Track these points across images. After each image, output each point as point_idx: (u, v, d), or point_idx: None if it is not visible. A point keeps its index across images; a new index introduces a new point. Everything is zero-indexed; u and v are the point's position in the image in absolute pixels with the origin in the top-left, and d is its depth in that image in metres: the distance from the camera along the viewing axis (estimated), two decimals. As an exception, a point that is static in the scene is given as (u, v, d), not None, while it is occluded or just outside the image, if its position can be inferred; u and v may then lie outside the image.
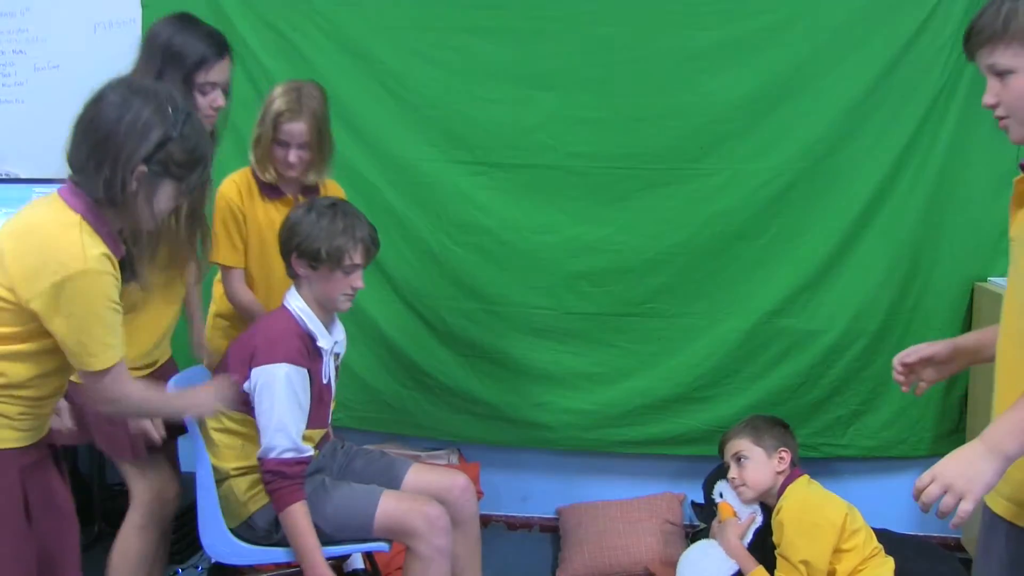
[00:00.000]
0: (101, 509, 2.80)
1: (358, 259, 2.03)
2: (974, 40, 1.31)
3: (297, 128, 2.12)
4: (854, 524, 2.15)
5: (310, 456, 1.99)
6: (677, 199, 2.72)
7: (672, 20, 2.65)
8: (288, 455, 1.94)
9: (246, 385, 1.97)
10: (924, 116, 2.63)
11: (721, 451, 2.35)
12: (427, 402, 2.89)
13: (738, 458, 2.26)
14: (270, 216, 2.22)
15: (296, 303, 2.03)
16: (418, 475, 2.18)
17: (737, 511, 2.29)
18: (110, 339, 1.51)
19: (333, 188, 2.35)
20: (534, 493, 3.03)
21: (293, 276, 2.05)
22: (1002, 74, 1.29)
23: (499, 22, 2.69)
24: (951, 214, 2.67)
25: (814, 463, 2.68)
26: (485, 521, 2.92)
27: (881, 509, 2.51)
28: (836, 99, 2.64)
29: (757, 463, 2.23)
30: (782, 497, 2.20)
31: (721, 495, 2.34)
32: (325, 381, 2.07)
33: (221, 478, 2.04)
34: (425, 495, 2.07)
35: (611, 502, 2.87)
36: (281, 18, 2.77)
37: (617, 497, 2.89)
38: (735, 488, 2.27)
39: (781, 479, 2.23)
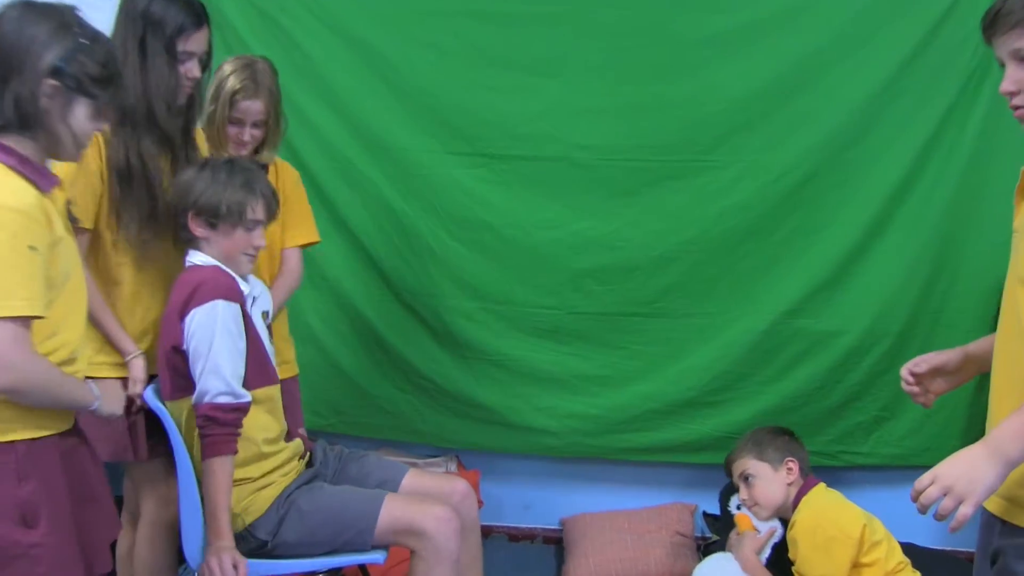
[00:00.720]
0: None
1: (260, 214, 2.00)
2: (1000, 23, 1.30)
3: (254, 107, 2.15)
4: (874, 536, 2.11)
5: (247, 403, 1.92)
6: (687, 193, 2.69)
7: (682, 3, 2.63)
8: (222, 399, 1.88)
9: (184, 345, 1.91)
10: (951, 104, 2.59)
11: (728, 473, 2.34)
12: (424, 406, 2.86)
13: (745, 477, 2.25)
14: None
15: (201, 258, 2.00)
16: (416, 480, 2.15)
17: (756, 525, 2.27)
18: (15, 286, 1.39)
19: (285, 169, 2.34)
20: (536, 502, 3.00)
21: (188, 240, 2.01)
22: (1023, 60, 1.29)
23: (500, 6, 2.67)
24: (979, 209, 2.61)
25: (833, 472, 2.64)
26: (486, 532, 2.88)
27: (905, 522, 2.36)
28: (857, 86, 2.60)
29: (765, 479, 2.21)
30: (796, 510, 2.17)
31: (739, 507, 2.32)
32: (261, 339, 2.04)
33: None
34: (432, 498, 2.06)
35: (618, 512, 2.85)
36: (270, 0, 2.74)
37: (624, 507, 2.87)
38: (749, 509, 2.26)
39: (794, 490, 2.21)
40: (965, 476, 1.23)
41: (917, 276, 2.67)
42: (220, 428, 1.88)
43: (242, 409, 1.91)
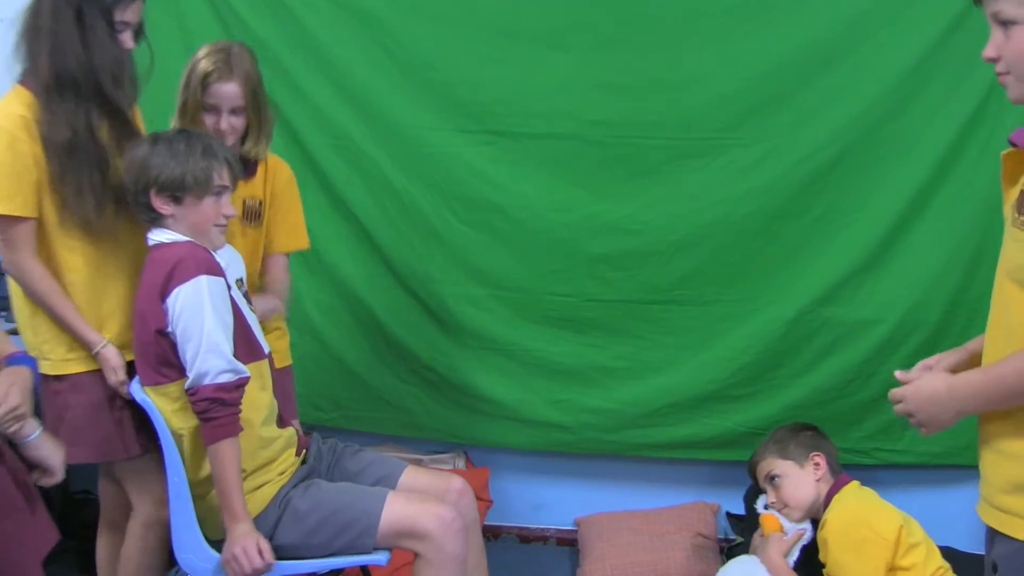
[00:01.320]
0: (63, 519, 2.72)
1: (226, 179, 1.96)
2: None
3: (228, 89, 2.08)
4: (911, 537, 2.04)
5: (247, 377, 1.89)
6: (709, 173, 2.64)
7: (705, -30, 2.56)
8: (224, 378, 1.84)
9: (169, 327, 1.87)
10: (995, 77, 2.48)
11: (753, 477, 2.32)
12: (430, 399, 2.83)
13: (771, 479, 2.23)
14: None
15: (168, 235, 1.94)
16: (412, 477, 2.13)
17: (784, 527, 2.22)
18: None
19: (277, 165, 2.27)
20: (549, 502, 2.98)
21: (152, 220, 1.96)
22: (1006, 24, 1.30)
23: (510, -26, 2.61)
24: (1025, 190, 2.53)
25: (866, 470, 2.59)
26: (495, 533, 2.89)
27: (944, 524, 2.39)
28: (893, 58, 2.51)
29: (791, 478, 2.19)
30: (828, 509, 2.13)
31: (766, 506, 2.28)
32: (241, 310, 1.99)
33: (203, 491, 1.96)
34: (433, 496, 2.03)
35: (636, 512, 2.83)
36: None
37: (642, 507, 2.84)
38: (779, 512, 2.23)
39: (824, 488, 2.18)
40: (926, 410, 1.45)
41: (957, 263, 2.59)
42: (227, 409, 1.85)
43: (244, 384, 1.89)
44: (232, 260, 2.07)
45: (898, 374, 1.57)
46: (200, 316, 1.84)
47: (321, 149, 2.70)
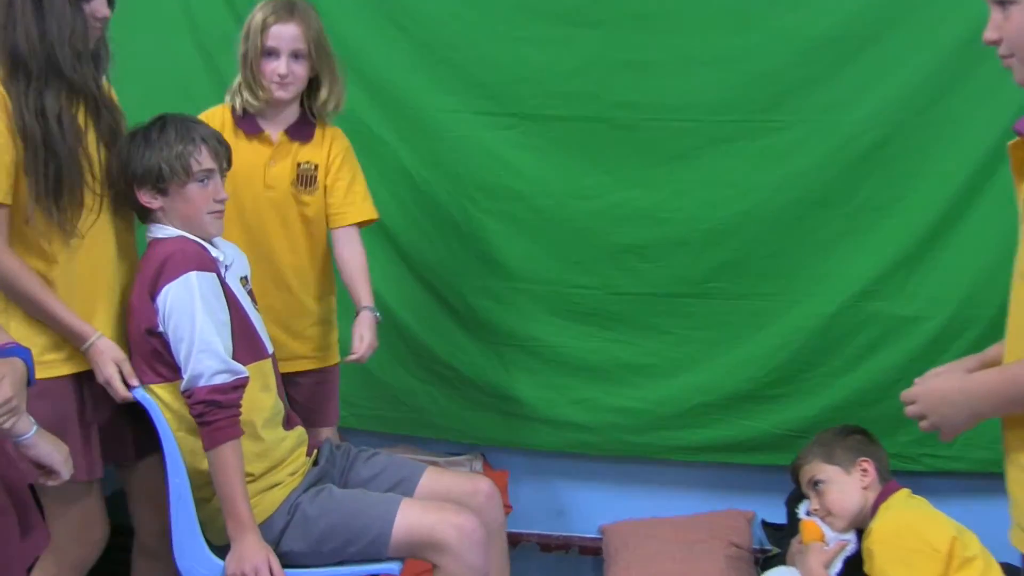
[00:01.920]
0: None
1: (208, 161, 1.92)
2: None
3: (288, 31, 2.11)
4: (966, 551, 1.97)
5: (246, 377, 1.87)
6: (744, 158, 2.58)
7: (738, -60, 2.51)
8: (220, 379, 1.82)
9: (160, 326, 1.85)
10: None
11: (796, 481, 2.28)
12: (445, 398, 2.80)
13: (814, 484, 2.19)
14: (243, 157, 2.13)
15: (164, 231, 1.94)
16: (434, 480, 2.10)
17: (826, 536, 2.17)
18: None
19: (336, 134, 2.28)
20: (572, 507, 2.94)
21: (145, 218, 1.97)
22: (1004, 3, 1.30)
23: (532, -53, 2.57)
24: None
25: (914, 478, 2.49)
26: (514, 540, 2.83)
27: (999, 537, 2.24)
28: (946, 31, 2.42)
29: (836, 484, 2.16)
30: (874, 518, 2.08)
31: (808, 513, 2.23)
32: (244, 309, 1.97)
33: (205, 495, 1.92)
34: (450, 503, 1.99)
35: (664, 520, 2.79)
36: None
37: (671, 514, 2.81)
38: (822, 520, 2.18)
39: (871, 496, 2.13)
40: (940, 412, 1.44)
41: (1013, 254, 2.47)
42: (223, 411, 1.82)
43: (242, 385, 1.86)
44: (237, 257, 2.05)
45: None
46: (190, 315, 1.83)
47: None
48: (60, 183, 1.80)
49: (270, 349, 2.02)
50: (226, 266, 1.98)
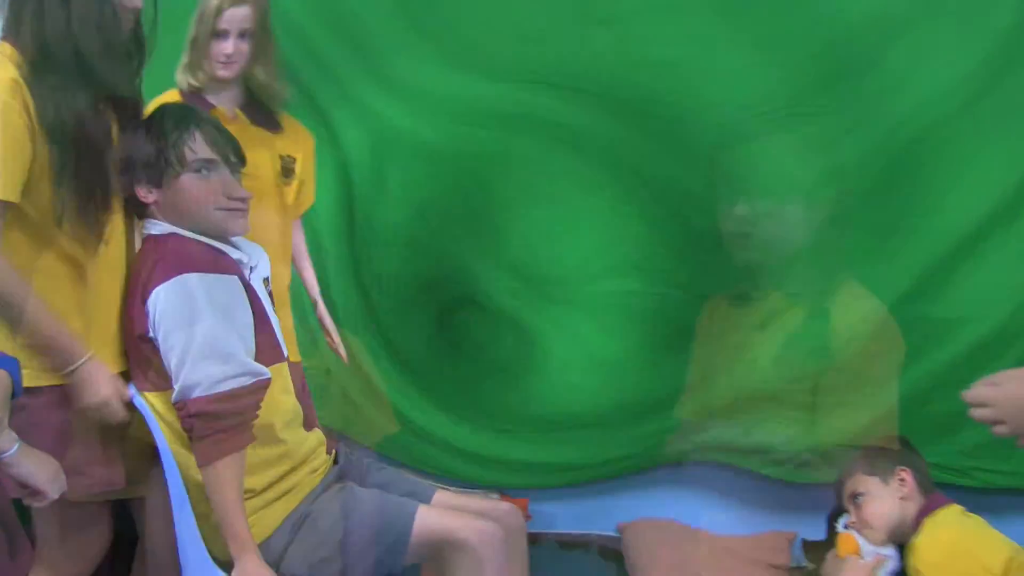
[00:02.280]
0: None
1: (204, 150, 1.80)
2: None
3: (239, 13, 2.15)
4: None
5: (268, 379, 1.75)
6: (781, 151, 2.48)
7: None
8: (226, 386, 1.68)
9: (150, 331, 1.72)
10: None
11: (839, 496, 2.22)
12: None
13: (854, 497, 2.14)
14: None
15: (157, 227, 1.82)
16: (448, 496, 2.06)
17: (863, 550, 2.10)
18: None
19: (301, 127, 2.32)
20: (591, 507, 2.86)
21: (144, 215, 1.86)
22: None
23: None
24: None
25: (965, 493, 2.39)
26: (533, 539, 2.77)
27: None
28: (1001, 10, 2.33)
29: (874, 495, 2.11)
30: (918, 532, 2.02)
31: (846, 526, 2.15)
32: (267, 312, 1.87)
33: (205, 510, 1.82)
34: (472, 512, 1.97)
35: (703, 534, 2.72)
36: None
37: (693, 513, 2.75)
38: (859, 533, 2.12)
39: (911, 507, 2.07)
40: (1020, 417, 1.40)
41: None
42: (220, 422, 1.69)
43: (262, 387, 1.75)
44: (260, 259, 1.95)
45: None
46: (186, 320, 1.70)
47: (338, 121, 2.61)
48: (91, 187, 1.70)
49: (286, 352, 1.96)
50: (251, 267, 1.90)
